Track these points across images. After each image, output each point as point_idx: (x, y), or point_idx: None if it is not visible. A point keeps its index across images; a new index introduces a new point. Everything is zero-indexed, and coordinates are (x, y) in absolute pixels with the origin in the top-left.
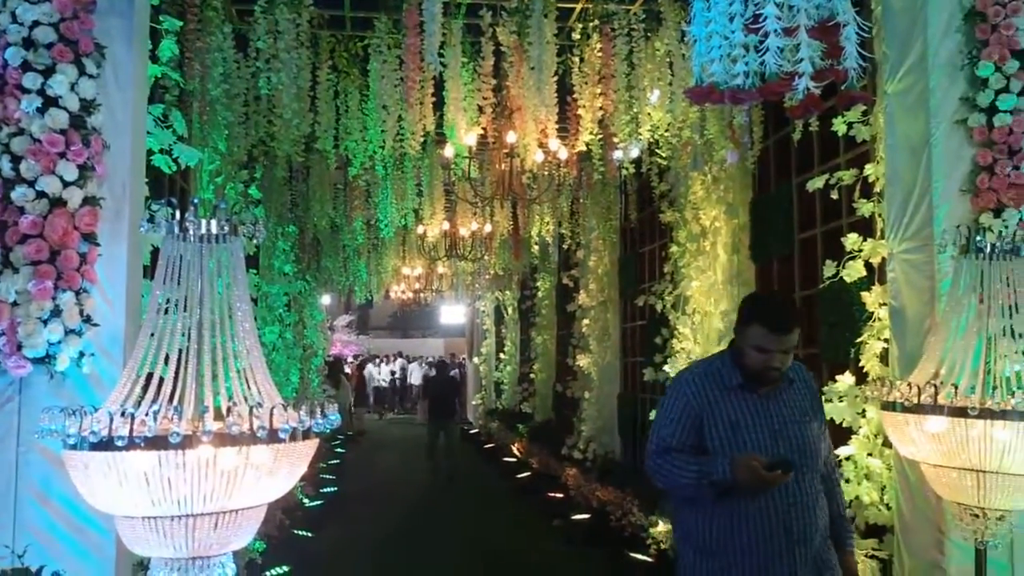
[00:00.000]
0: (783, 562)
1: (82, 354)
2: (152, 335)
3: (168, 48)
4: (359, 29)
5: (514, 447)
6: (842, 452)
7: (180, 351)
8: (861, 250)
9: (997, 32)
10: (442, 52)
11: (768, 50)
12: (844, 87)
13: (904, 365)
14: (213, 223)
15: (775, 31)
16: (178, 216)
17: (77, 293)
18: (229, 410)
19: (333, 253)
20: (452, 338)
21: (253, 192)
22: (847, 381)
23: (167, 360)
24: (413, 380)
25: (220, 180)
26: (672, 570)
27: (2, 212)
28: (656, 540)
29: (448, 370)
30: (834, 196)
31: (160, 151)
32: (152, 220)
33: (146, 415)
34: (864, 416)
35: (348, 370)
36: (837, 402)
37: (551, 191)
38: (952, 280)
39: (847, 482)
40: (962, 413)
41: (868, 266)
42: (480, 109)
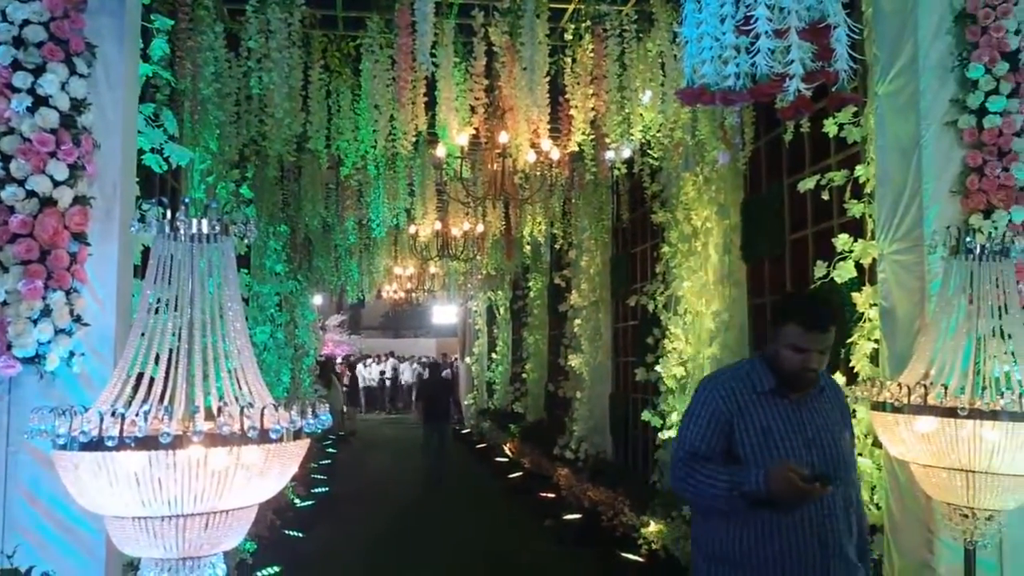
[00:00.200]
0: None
1: (72, 354)
2: (143, 335)
3: (159, 47)
4: (351, 29)
5: (506, 447)
6: None
7: (171, 351)
8: (852, 251)
9: (987, 34)
10: (434, 52)
11: (759, 51)
12: (835, 89)
13: (894, 365)
14: (204, 223)
15: (766, 32)
16: (169, 216)
17: (67, 293)
18: (220, 410)
19: (325, 253)
20: (444, 338)
21: (244, 191)
22: (837, 381)
23: (157, 360)
24: (404, 380)
25: (211, 179)
26: (663, 570)
27: None
28: (647, 540)
29: (441, 371)
30: (825, 197)
31: (151, 150)
32: (143, 219)
33: (136, 415)
34: (854, 416)
35: (338, 370)
36: None
37: (543, 191)
38: (942, 281)
39: None
40: (952, 413)
41: (859, 267)
42: (472, 109)
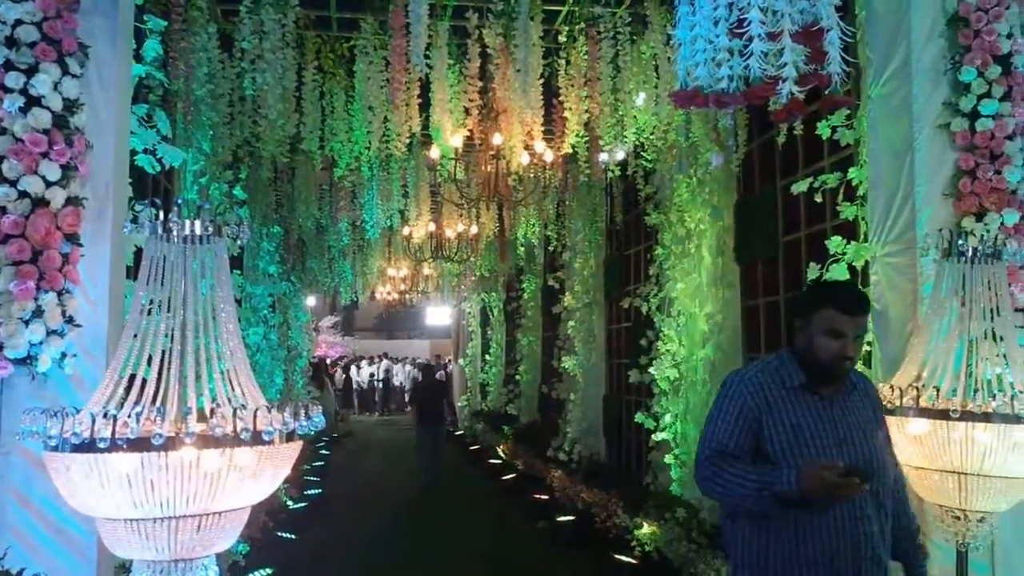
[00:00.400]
0: None
1: (64, 355)
2: (135, 336)
3: (152, 48)
4: (345, 30)
5: (499, 448)
6: None
7: (163, 352)
8: (845, 253)
9: (979, 37)
10: (428, 54)
11: (752, 54)
12: (828, 92)
13: (887, 367)
14: (197, 224)
15: (759, 35)
16: (162, 217)
17: (59, 294)
18: (212, 412)
19: (318, 254)
20: (437, 339)
21: (238, 193)
22: None
23: (150, 361)
24: (397, 381)
25: (204, 180)
26: (656, 572)
27: None
28: (640, 542)
29: (435, 372)
30: (818, 199)
31: (144, 151)
32: (135, 220)
33: (128, 417)
34: None
35: (331, 371)
36: None
37: (537, 193)
38: (934, 283)
39: None
40: (944, 416)
41: (852, 269)
42: (466, 111)
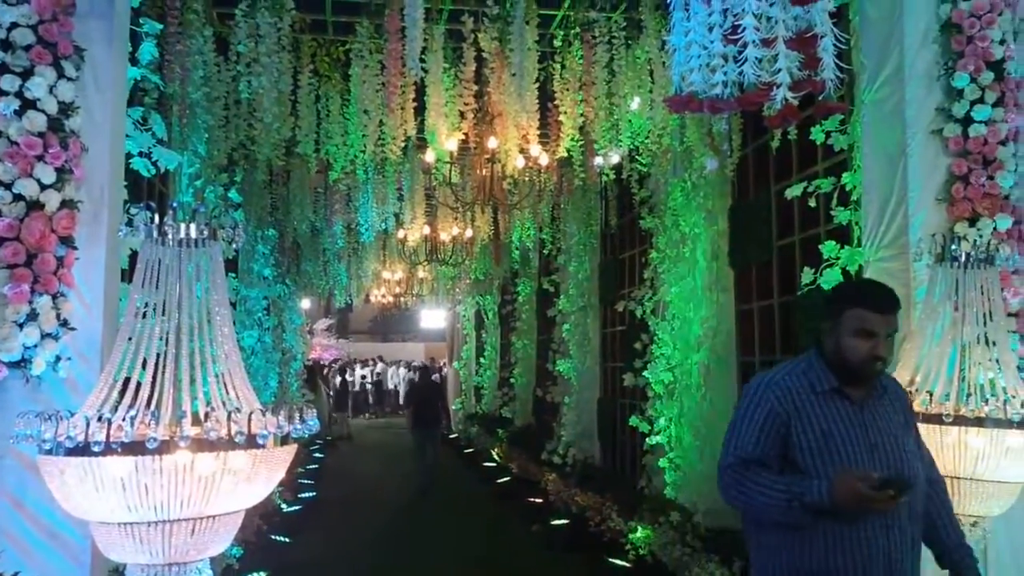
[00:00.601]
0: None
1: (59, 358)
2: (130, 339)
3: (148, 51)
4: (341, 34)
5: (494, 452)
6: None
7: (158, 355)
8: (838, 257)
9: (972, 44)
10: (424, 57)
11: (747, 60)
12: (821, 97)
13: None
14: (192, 227)
15: (753, 42)
16: (157, 220)
17: (54, 297)
18: (207, 415)
19: (313, 257)
20: (432, 342)
21: (233, 196)
22: None
23: (145, 364)
24: (391, 384)
25: (199, 184)
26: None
27: None
28: (635, 545)
29: (431, 375)
30: (812, 204)
31: (139, 154)
32: (131, 224)
33: (123, 420)
34: None
35: (326, 374)
36: None
37: (532, 196)
38: (927, 288)
39: None
40: (937, 420)
41: (845, 273)
42: (461, 114)
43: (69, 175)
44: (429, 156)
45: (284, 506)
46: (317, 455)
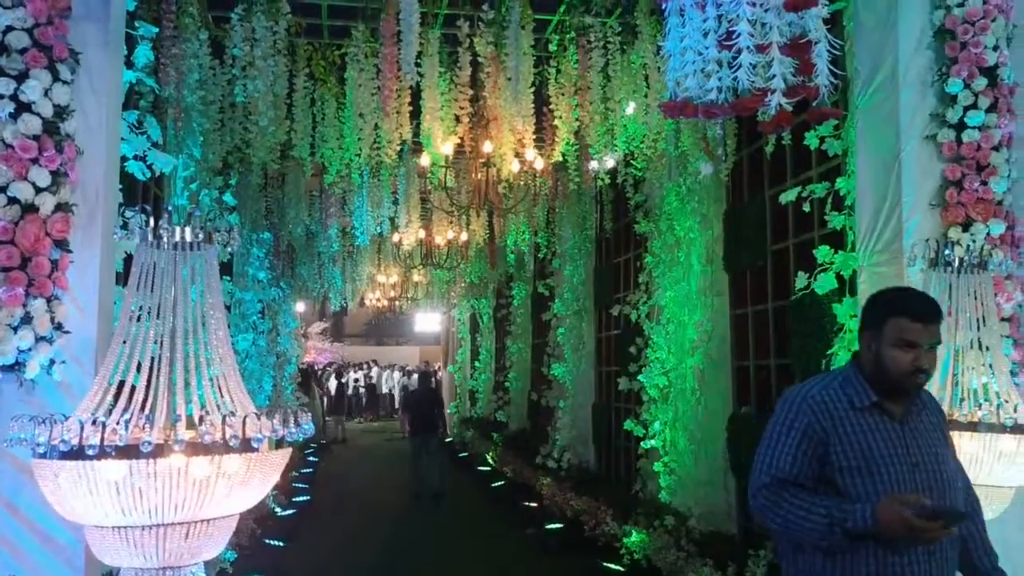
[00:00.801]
0: None
1: (53, 361)
2: (124, 343)
3: (143, 54)
4: (336, 37)
5: (488, 456)
6: None
7: (152, 359)
8: (832, 262)
9: (966, 50)
10: (419, 62)
11: (741, 66)
12: (816, 103)
13: None
14: (187, 230)
15: (748, 47)
16: (152, 223)
17: (48, 300)
18: (201, 419)
19: (308, 260)
20: (427, 346)
21: (228, 199)
22: None
23: (139, 368)
24: (386, 388)
25: (195, 187)
26: None
27: None
28: (629, 549)
29: (430, 380)
30: (806, 209)
31: (134, 157)
32: (126, 227)
33: (117, 424)
34: None
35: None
36: None
37: (527, 200)
38: None
39: None
40: None
41: (839, 278)
42: (457, 119)
43: (64, 178)
44: (424, 160)
45: (278, 510)
46: (311, 459)
